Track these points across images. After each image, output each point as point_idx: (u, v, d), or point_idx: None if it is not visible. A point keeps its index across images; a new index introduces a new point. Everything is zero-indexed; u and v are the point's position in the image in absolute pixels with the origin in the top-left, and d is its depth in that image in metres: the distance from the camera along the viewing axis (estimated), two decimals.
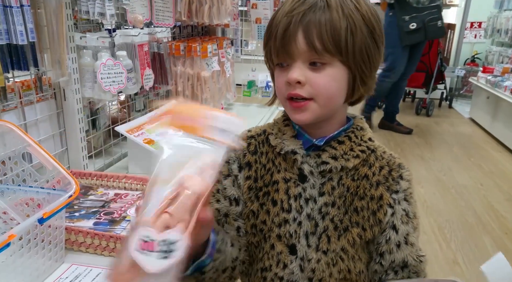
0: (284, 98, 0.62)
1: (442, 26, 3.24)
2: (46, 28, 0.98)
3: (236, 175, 0.69)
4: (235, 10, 2.09)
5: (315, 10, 0.55)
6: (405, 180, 0.66)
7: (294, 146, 0.64)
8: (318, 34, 0.55)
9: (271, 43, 0.59)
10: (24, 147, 0.78)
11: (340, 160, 0.63)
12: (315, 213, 0.64)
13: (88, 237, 0.78)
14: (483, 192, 2.50)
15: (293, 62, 0.58)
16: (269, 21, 0.62)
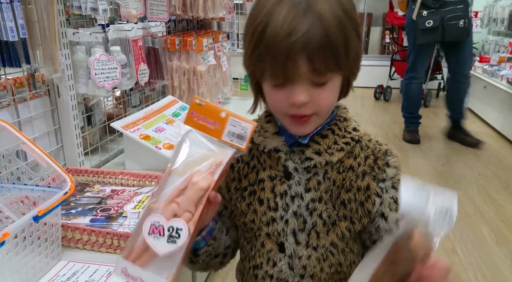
0: (282, 114, 0.59)
1: (465, 27, 2.74)
2: (37, 24, 0.96)
3: None
4: (230, 3, 2.08)
5: (314, 32, 0.51)
6: (392, 167, 0.64)
7: (276, 144, 0.63)
8: (321, 58, 0.52)
9: (264, 64, 0.54)
10: (18, 145, 0.77)
11: (324, 155, 0.62)
12: (302, 210, 0.64)
13: (85, 234, 0.78)
14: (481, 181, 2.51)
15: (294, 84, 0.55)
16: (249, 26, 0.56)
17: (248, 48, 0.56)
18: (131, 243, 0.50)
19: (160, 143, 1.18)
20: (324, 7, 0.52)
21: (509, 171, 2.66)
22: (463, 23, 2.74)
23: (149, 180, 1.03)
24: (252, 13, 0.56)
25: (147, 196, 0.92)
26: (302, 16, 0.51)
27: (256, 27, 0.53)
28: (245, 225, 0.67)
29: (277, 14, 0.52)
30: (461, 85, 3.00)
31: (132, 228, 0.80)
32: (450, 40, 2.82)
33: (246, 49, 0.57)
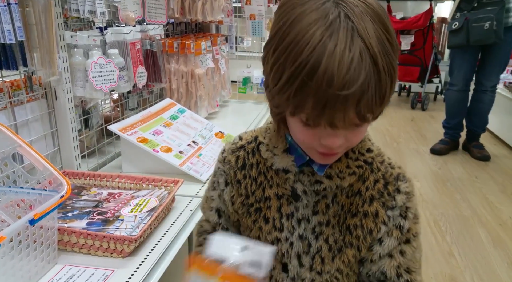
0: (310, 148, 0.55)
1: (491, 29, 2.52)
2: (35, 26, 0.96)
3: (222, 189, 0.68)
4: (228, 7, 2.08)
5: (369, 81, 0.44)
6: (402, 194, 0.60)
7: (285, 164, 0.60)
8: (370, 107, 0.46)
9: (304, 107, 0.46)
10: (14, 148, 0.77)
11: (335, 179, 0.59)
12: (308, 233, 0.62)
13: (81, 238, 0.78)
14: (478, 184, 2.51)
15: (331, 129, 0.49)
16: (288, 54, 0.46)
17: (284, 83, 0.46)
18: None
19: (158, 146, 1.18)
20: (375, 42, 0.45)
21: (506, 174, 2.67)
22: (489, 25, 2.53)
23: (146, 183, 1.02)
24: (293, 37, 0.46)
25: (144, 199, 0.92)
26: (358, 58, 0.43)
27: (303, 65, 0.44)
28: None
29: (329, 54, 0.43)
30: (481, 95, 2.81)
31: (129, 231, 0.80)
32: (475, 43, 2.62)
33: (278, 81, 0.47)
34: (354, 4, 0.46)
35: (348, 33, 0.44)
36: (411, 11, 4.99)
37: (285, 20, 0.47)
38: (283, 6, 0.50)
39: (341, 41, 0.43)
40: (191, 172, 1.14)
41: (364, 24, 0.45)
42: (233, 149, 0.67)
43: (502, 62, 2.73)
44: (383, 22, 0.46)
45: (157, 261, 0.78)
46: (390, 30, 0.47)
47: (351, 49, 0.43)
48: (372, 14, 0.46)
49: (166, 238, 0.85)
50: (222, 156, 0.68)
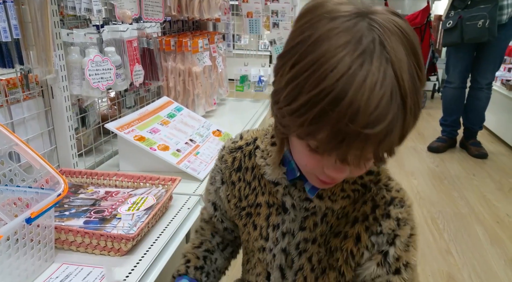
0: (311, 173, 0.51)
1: (484, 27, 2.55)
2: (31, 24, 0.96)
3: (219, 186, 0.68)
4: (226, 4, 2.08)
5: (395, 121, 0.40)
6: (392, 220, 0.55)
7: (276, 176, 0.57)
8: (389, 149, 0.43)
9: (318, 136, 0.42)
10: (11, 146, 0.76)
11: (326, 201, 0.56)
12: (291, 248, 0.60)
13: (78, 236, 0.77)
14: (476, 182, 2.52)
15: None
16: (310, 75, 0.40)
17: (300, 106, 0.41)
18: None
19: (155, 144, 1.17)
20: (407, 78, 0.40)
21: (503, 172, 2.68)
22: (483, 23, 2.55)
23: (144, 182, 1.02)
24: (317, 56, 0.40)
25: (141, 198, 0.91)
26: (388, 96, 0.39)
27: (325, 92, 0.39)
28: (242, 241, 0.67)
29: (358, 85, 0.38)
30: (477, 93, 2.83)
31: (126, 230, 0.80)
32: (469, 41, 2.65)
33: (292, 101, 0.42)
34: (390, 30, 0.40)
35: (382, 65, 0.39)
36: (408, 9, 4.99)
37: (309, 33, 0.42)
38: (308, 14, 0.44)
39: (373, 74, 0.38)
40: (188, 170, 1.14)
41: (399, 56, 0.40)
42: (231, 148, 0.66)
43: (496, 59, 2.74)
44: (416, 55, 0.42)
45: (155, 260, 0.78)
46: (421, 64, 0.43)
47: (383, 85, 0.38)
48: (407, 45, 0.41)
49: (164, 236, 0.85)
50: (221, 153, 0.68)
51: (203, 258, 0.71)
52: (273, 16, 2.09)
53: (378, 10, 0.42)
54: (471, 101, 2.88)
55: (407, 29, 0.42)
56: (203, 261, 0.70)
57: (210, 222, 0.75)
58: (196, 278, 0.67)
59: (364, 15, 0.41)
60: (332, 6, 0.42)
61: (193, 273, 0.68)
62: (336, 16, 0.41)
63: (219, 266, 0.73)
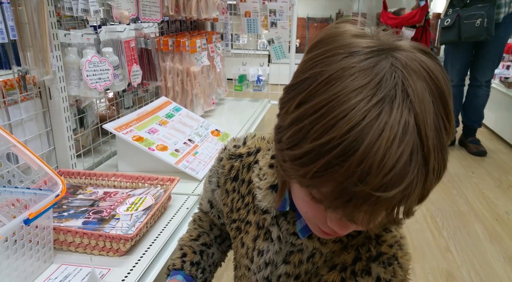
0: (311, 221, 0.46)
1: (482, 26, 2.55)
2: (28, 25, 0.96)
3: (214, 188, 0.65)
4: (223, 4, 2.08)
5: (414, 184, 0.34)
6: (371, 278, 0.47)
7: (266, 204, 0.53)
8: (405, 211, 0.37)
9: (322, 190, 0.36)
10: (8, 147, 0.76)
11: (315, 242, 0.51)
12: (273, 278, 0.56)
13: (77, 237, 0.78)
14: (475, 180, 2.52)
15: None
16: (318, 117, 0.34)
17: (303, 155, 0.35)
18: None
19: (153, 145, 1.17)
20: (432, 134, 0.35)
21: (502, 169, 2.68)
22: (480, 22, 2.54)
23: (142, 182, 1.02)
24: (328, 99, 0.34)
25: (140, 198, 0.92)
26: (408, 156, 0.33)
27: (333, 143, 0.33)
28: (232, 247, 0.66)
29: (372, 140, 0.32)
30: (476, 90, 2.83)
31: (125, 230, 0.80)
32: (466, 40, 2.65)
33: (295, 146, 0.36)
34: (416, 73, 0.34)
35: (403, 116, 0.32)
36: (407, 7, 4.98)
37: (321, 69, 0.35)
38: (322, 45, 0.38)
39: (392, 126, 0.32)
40: (187, 170, 1.14)
41: (425, 106, 0.33)
42: (231, 154, 0.61)
43: (495, 57, 2.74)
44: (445, 104, 0.35)
45: (154, 260, 0.78)
46: (451, 115, 0.36)
47: (403, 141, 0.32)
48: (435, 91, 0.35)
49: (162, 236, 0.85)
50: (220, 155, 0.63)
51: (200, 252, 0.69)
52: (271, 15, 2.09)
53: (403, 46, 0.36)
54: (470, 98, 2.88)
55: (436, 71, 0.36)
56: (199, 256, 0.68)
57: (208, 215, 0.73)
58: (191, 275, 0.66)
59: (387, 52, 0.35)
60: (350, 39, 0.36)
61: (188, 268, 0.66)
62: (354, 52, 0.35)
63: (216, 260, 0.72)
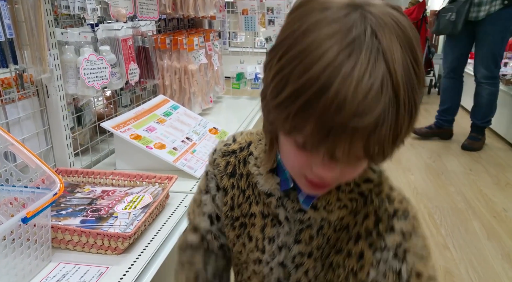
0: (300, 174, 0.47)
1: (450, 20, 2.75)
2: (25, 24, 0.95)
3: (214, 194, 0.63)
4: (221, 2, 2.07)
5: (386, 115, 0.37)
6: (396, 234, 0.51)
7: (269, 186, 0.55)
8: (380, 145, 0.39)
9: (304, 130, 0.39)
10: (6, 146, 0.76)
11: (321, 211, 0.53)
12: (288, 262, 0.57)
13: (75, 235, 0.78)
14: (472, 177, 2.53)
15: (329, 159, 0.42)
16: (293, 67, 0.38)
17: (285, 98, 0.39)
18: None
19: (151, 143, 1.17)
20: (401, 70, 0.37)
21: (499, 167, 2.69)
22: (449, 16, 2.74)
23: (140, 180, 1.02)
24: (304, 46, 0.38)
25: (138, 196, 0.92)
26: (378, 86, 0.36)
27: (310, 82, 0.37)
28: (233, 252, 0.64)
29: (345, 75, 0.36)
30: (477, 88, 2.90)
31: (123, 228, 0.80)
32: (441, 32, 2.90)
33: (278, 94, 0.40)
34: (385, 23, 0.38)
35: (372, 54, 0.36)
36: (405, 3, 4.98)
37: (298, 25, 0.40)
38: (299, 8, 0.42)
39: (362, 63, 0.36)
40: (185, 168, 1.14)
41: (393, 48, 0.37)
42: (224, 152, 0.62)
43: (487, 54, 2.75)
44: (413, 50, 0.39)
45: (152, 258, 0.78)
46: (419, 62, 0.39)
47: (372, 74, 0.36)
48: (403, 38, 0.38)
49: (161, 234, 0.85)
50: (213, 157, 0.63)
51: None
52: (268, 13, 2.08)
53: (375, 3, 0.39)
54: (474, 95, 2.95)
55: (405, 23, 0.39)
56: None
57: (201, 247, 0.68)
58: None
59: (358, 6, 0.38)
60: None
61: None
62: (327, 7, 0.39)
63: None
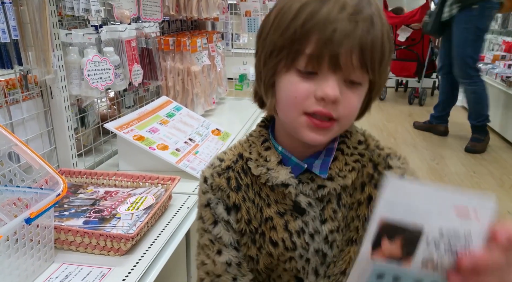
0: (300, 112, 0.50)
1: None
2: (29, 25, 0.96)
3: (227, 219, 0.59)
4: (224, 3, 2.07)
5: (372, 25, 0.48)
6: (395, 168, 0.57)
7: (284, 177, 0.55)
8: (374, 53, 0.48)
9: (309, 43, 0.47)
10: (10, 147, 0.77)
11: (338, 180, 0.55)
12: (321, 245, 0.57)
13: (78, 236, 0.78)
14: (476, 179, 2.52)
15: (330, 75, 0.48)
16: (279, 11, 0.50)
17: (286, 27, 0.49)
18: None
19: (154, 144, 1.18)
20: (376, 12, 0.49)
21: (503, 169, 2.68)
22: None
23: (143, 181, 1.02)
24: (283, 4, 0.50)
25: (141, 197, 0.92)
26: (366, 2, 0.48)
27: (303, 7, 0.47)
28: (257, 271, 0.61)
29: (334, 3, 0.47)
30: (463, 88, 3.00)
31: (126, 229, 0.80)
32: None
33: (276, 30, 0.50)
34: None
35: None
36: (407, 5, 4.97)
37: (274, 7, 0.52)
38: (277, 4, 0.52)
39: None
40: (187, 169, 1.15)
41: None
42: (219, 172, 0.60)
43: (457, 54, 2.86)
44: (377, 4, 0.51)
45: (154, 259, 0.78)
46: (382, 12, 0.51)
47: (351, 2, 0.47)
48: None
49: (163, 235, 0.85)
50: (208, 184, 0.60)
51: None
52: None
53: None
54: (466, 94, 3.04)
55: None
56: None
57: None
58: None
59: None
60: None
61: None
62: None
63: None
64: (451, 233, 0.35)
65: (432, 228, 0.35)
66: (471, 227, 0.35)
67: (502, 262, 0.35)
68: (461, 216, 0.35)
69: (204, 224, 0.61)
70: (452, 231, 0.35)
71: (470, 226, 0.35)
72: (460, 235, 0.35)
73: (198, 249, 0.63)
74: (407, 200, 0.35)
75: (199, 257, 0.63)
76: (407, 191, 0.35)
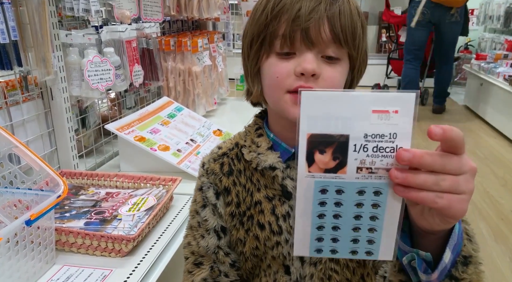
0: (283, 90, 0.53)
1: None
2: (29, 26, 0.96)
3: (214, 203, 0.63)
4: (225, 4, 2.07)
5: (343, 2, 0.52)
6: None
7: (272, 161, 0.58)
8: (343, 25, 0.51)
9: (281, 25, 0.52)
10: (10, 148, 0.76)
11: None
12: None
13: (79, 237, 0.77)
14: (479, 178, 2.51)
15: (306, 52, 0.52)
16: (254, 8, 0.56)
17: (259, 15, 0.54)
18: None
19: (155, 145, 1.17)
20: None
21: (506, 168, 2.66)
22: None
23: (144, 182, 1.02)
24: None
25: (142, 198, 0.91)
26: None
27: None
28: (243, 254, 0.62)
29: None
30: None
31: (127, 231, 0.79)
32: None
33: (254, 16, 0.55)
34: None
35: None
36: None
37: None
38: None
39: None
40: (189, 170, 1.14)
41: None
42: (215, 157, 0.64)
43: None
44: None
45: (156, 260, 0.78)
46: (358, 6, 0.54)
47: None
48: None
49: (165, 236, 0.85)
50: (204, 168, 0.65)
51: None
52: None
53: None
54: None
55: None
56: None
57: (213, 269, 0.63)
58: None
59: None
60: None
61: None
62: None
63: None
64: (377, 136, 0.36)
65: (357, 134, 0.36)
66: (396, 127, 0.36)
67: (441, 160, 0.37)
68: (382, 117, 0.35)
69: (196, 206, 0.64)
70: (378, 134, 0.36)
71: (395, 126, 0.35)
72: (386, 136, 0.36)
73: (187, 229, 0.66)
74: (326, 110, 0.35)
75: (186, 237, 0.66)
76: (323, 101, 0.35)
